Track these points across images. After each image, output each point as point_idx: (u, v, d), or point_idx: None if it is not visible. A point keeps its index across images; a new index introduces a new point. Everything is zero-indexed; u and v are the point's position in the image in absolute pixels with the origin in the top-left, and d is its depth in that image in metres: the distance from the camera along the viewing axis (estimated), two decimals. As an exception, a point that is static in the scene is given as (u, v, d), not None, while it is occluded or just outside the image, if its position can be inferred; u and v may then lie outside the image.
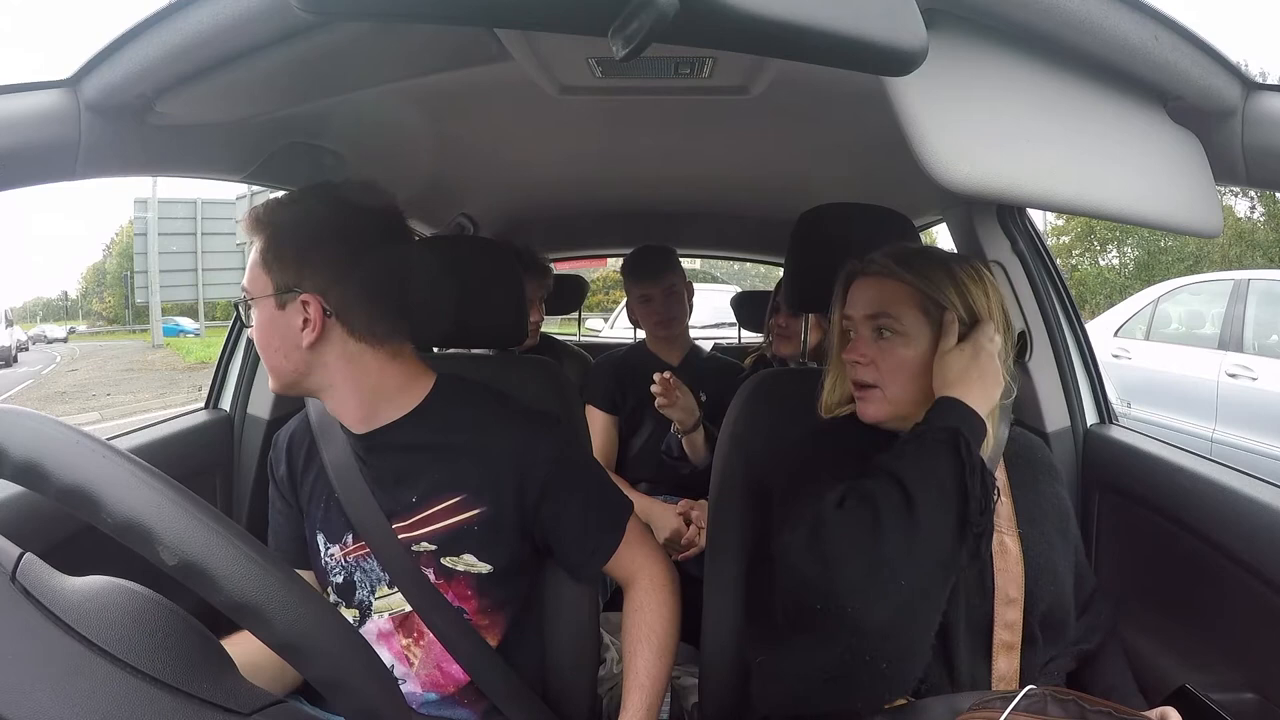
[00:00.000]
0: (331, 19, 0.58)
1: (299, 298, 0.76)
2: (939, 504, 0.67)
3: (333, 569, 0.86)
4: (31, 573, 0.41)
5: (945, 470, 0.68)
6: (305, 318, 0.76)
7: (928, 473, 0.68)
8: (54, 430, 0.43)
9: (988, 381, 0.75)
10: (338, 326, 0.78)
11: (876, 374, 0.80)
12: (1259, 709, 0.83)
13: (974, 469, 0.69)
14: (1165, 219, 0.57)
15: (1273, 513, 0.85)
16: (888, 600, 0.66)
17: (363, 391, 0.81)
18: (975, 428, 0.72)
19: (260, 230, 0.78)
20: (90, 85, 0.64)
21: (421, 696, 0.84)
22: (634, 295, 1.76)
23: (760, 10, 0.32)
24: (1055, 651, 0.80)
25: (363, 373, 0.80)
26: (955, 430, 0.70)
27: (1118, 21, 0.50)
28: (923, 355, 0.79)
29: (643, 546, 0.91)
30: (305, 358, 0.78)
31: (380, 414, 0.83)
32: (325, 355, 0.79)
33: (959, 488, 0.68)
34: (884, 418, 0.81)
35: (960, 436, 0.70)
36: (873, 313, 0.81)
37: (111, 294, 40.55)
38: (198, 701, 0.38)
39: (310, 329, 0.77)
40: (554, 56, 0.88)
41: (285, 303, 0.77)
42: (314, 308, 0.76)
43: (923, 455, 0.70)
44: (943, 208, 1.45)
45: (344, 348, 0.79)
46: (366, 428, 0.83)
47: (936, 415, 0.73)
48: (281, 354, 0.79)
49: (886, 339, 0.80)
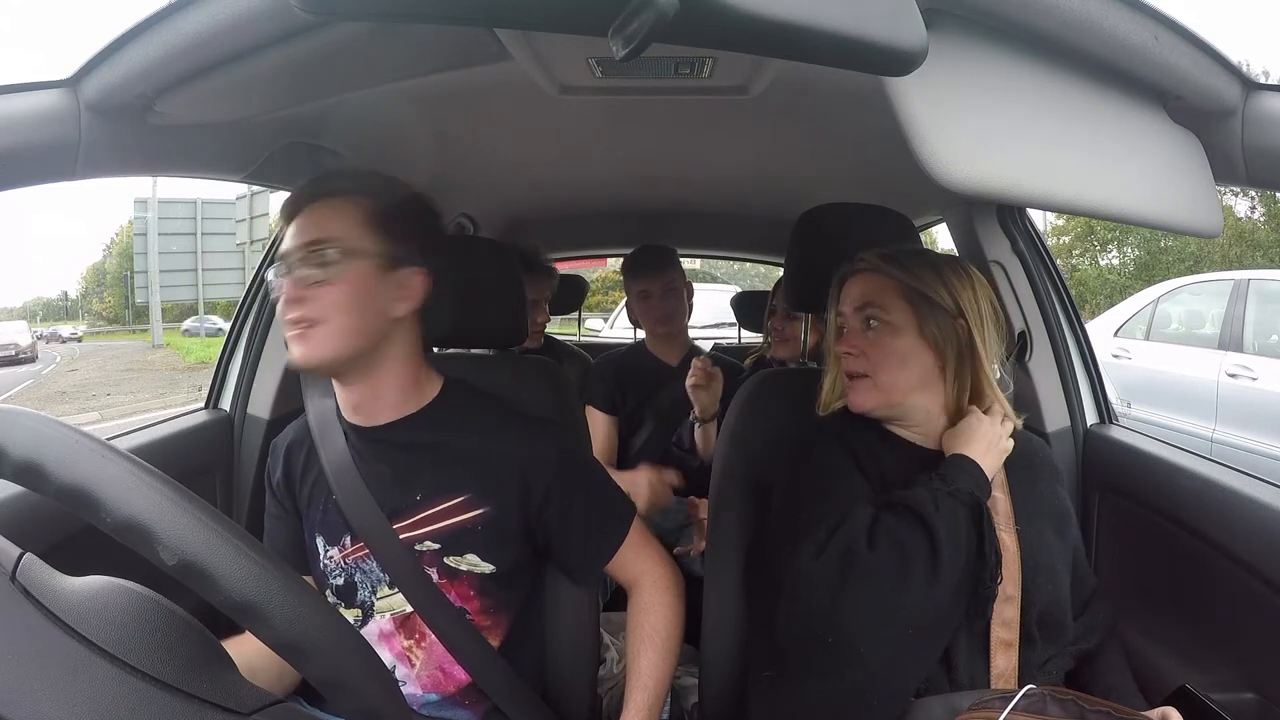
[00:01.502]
0: (331, 19, 0.58)
1: (415, 270, 0.80)
2: (960, 562, 0.72)
3: (332, 571, 0.86)
4: (31, 573, 0.41)
5: (967, 532, 0.73)
6: (402, 290, 0.80)
7: (954, 529, 0.73)
8: (53, 430, 0.43)
9: (994, 454, 0.80)
10: (418, 310, 0.82)
11: (867, 364, 0.83)
12: (1259, 709, 0.83)
13: (992, 537, 0.74)
14: (1165, 219, 0.57)
15: (1273, 513, 0.85)
16: (895, 643, 0.70)
17: (404, 379, 0.84)
18: (987, 491, 0.78)
19: (364, 191, 0.80)
20: (90, 85, 0.64)
21: (423, 697, 0.84)
22: (633, 292, 1.77)
23: (760, 10, 0.32)
24: (1053, 650, 0.80)
25: (409, 361, 0.84)
26: (979, 500, 0.75)
27: (1118, 21, 0.50)
28: (910, 345, 0.82)
29: (646, 548, 0.91)
30: (385, 327, 0.80)
31: (396, 408, 0.84)
32: (399, 331, 0.82)
33: (979, 551, 0.73)
34: (874, 406, 0.84)
35: (982, 506, 0.75)
36: (861, 304, 0.84)
37: (111, 294, 40.53)
38: (198, 701, 0.38)
39: (408, 302, 0.80)
40: (554, 56, 0.88)
41: (394, 268, 0.79)
42: (422, 283, 0.81)
43: (953, 511, 0.73)
44: (943, 208, 1.45)
45: (411, 332, 0.84)
46: (388, 418, 0.84)
47: (961, 474, 0.77)
48: (367, 316, 0.78)
49: (875, 329, 0.83)
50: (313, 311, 0.75)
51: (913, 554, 0.71)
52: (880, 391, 0.83)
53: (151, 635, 0.40)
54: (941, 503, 0.73)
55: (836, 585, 0.70)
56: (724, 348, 2.56)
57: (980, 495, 0.76)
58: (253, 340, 1.30)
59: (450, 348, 1.14)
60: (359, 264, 0.77)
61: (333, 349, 0.76)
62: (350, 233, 0.77)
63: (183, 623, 0.41)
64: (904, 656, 0.71)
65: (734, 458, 1.03)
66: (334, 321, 0.76)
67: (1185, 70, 0.54)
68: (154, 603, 0.42)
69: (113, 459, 0.42)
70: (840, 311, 0.87)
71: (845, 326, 0.86)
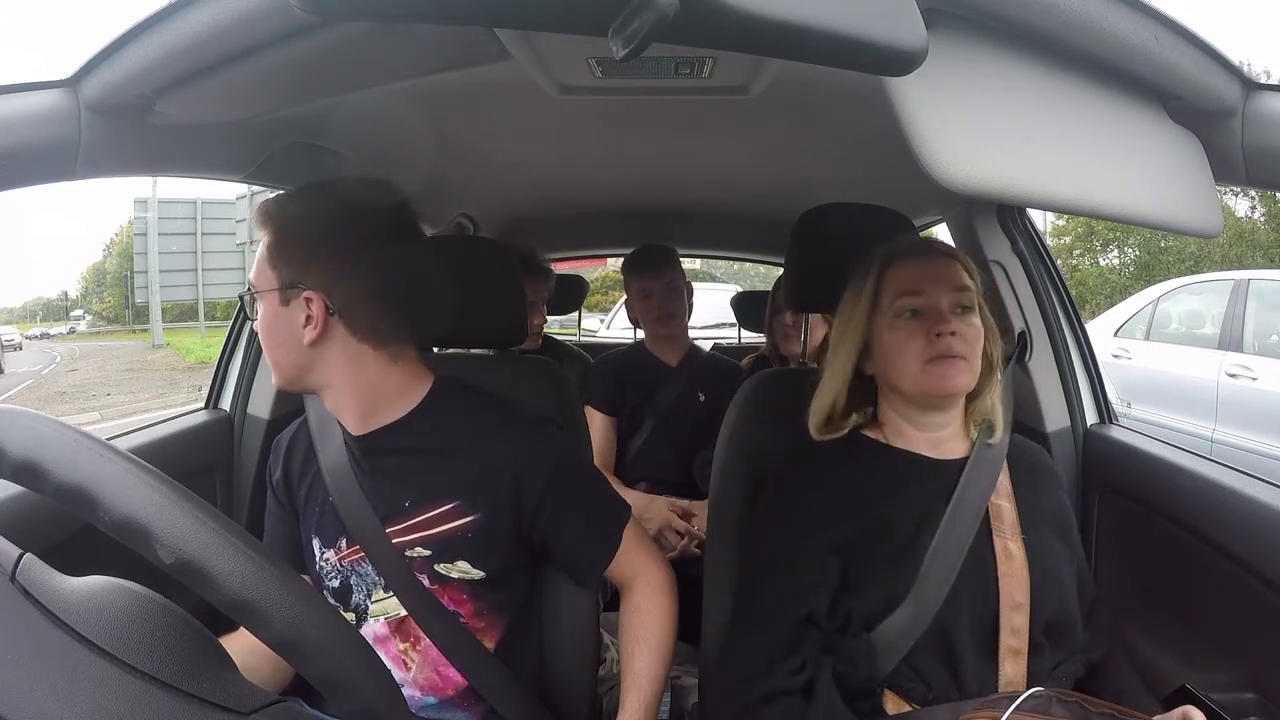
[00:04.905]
0: (331, 19, 0.58)
1: (302, 294, 0.76)
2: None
3: (328, 573, 0.86)
4: (31, 573, 0.41)
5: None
6: (308, 315, 0.76)
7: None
8: (51, 429, 0.43)
9: None
10: (340, 325, 0.78)
11: (965, 345, 0.80)
12: (1259, 709, 0.83)
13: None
14: (1165, 219, 0.57)
15: (1273, 513, 0.84)
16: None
17: (362, 392, 0.81)
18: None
19: (268, 224, 0.78)
20: (90, 85, 0.64)
21: (420, 700, 0.84)
22: (633, 291, 1.77)
23: (760, 10, 0.32)
24: (1061, 657, 0.80)
25: (363, 373, 0.80)
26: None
27: (1118, 21, 0.50)
28: (981, 328, 0.83)
29: (640, 549, 0.91)
30: (307, 355, 0.78)
31: (379, 415, 0.83)
32: (327, 354, 0.79)
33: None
34: (967, 387, 0.82)
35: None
36: (958, 286, 0.82)
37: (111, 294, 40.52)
38: (197, 701, 0.38)
39: (313, 326, 0.76)
40: (554, 56, 0.88)
41: (289, 299, 0.77)
42: (317, 305, 0.76)
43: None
44: (943, 208, 1.45)
45: (346, 347, 0.79)
46: (364, 429, 0.83)
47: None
48: (284, 350, 0.79)
49: (960, 314, 0.81)
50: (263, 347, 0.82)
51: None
52: (972, 374, 0.81)
53: (151, 635, 0.40)
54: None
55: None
56: (724, 348, 2.56)
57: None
58: (253, 340, 1.30)
59: (450, 348, 1.14)
60: (265, 302, 0.79)
61: (278, 380, 0.82)
62: (259, 272, 0.79)
63: (182, 622, 0.41)
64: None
65: (734, 457, 1.03)
66: (271, 357, 0.81)
67: (1185, 70, 0.54)
68: (154, 602, 0.41)
69: (111, 458, 0.42)
70: (916, 291, 0.82)
71: (920, 310, 0.81)
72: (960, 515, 0.78)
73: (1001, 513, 0.80)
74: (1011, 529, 0.80)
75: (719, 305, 3.53)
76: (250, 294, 0.80)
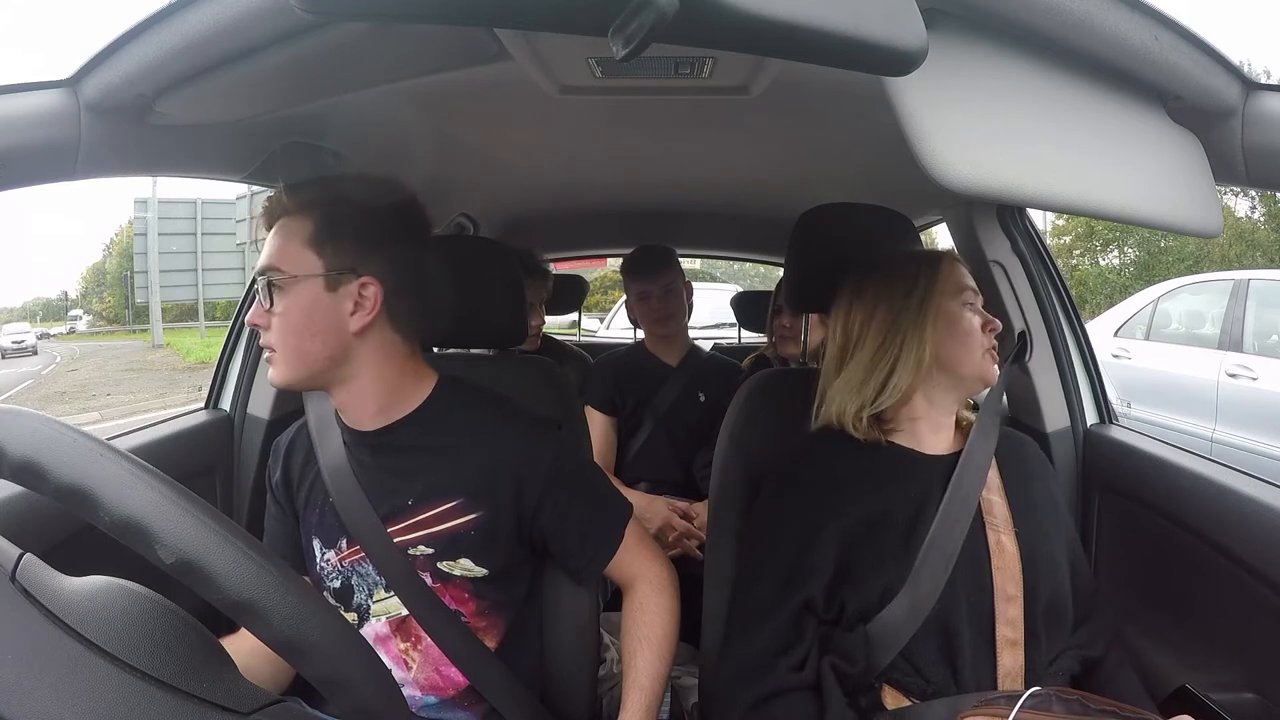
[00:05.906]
0: (331, 19, 0.58)
1: (357, 281, 0.76)
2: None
3: (328, 574, 0.86)
4: (31, 573, 0.41)
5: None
6: (357, 302, 0.76)
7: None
8: (51, 429, 0.43)
9: None
10: (384, 315, 0.78)
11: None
12: (1259, 709, 0.83)
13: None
14: (1165, 219, 0.57)
15: (1273, 513, 0.84)
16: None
17: (386, 385, 0.81)
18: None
19: (309, 209, 0.77)
20: (90, 85, 0.64)
21: (421, 700, 0.84)
22: (633, 292, 1.77)
23: (760, 10, 0.32)
24: (1059, 648, 0.80)
25: (390, 365, 0.81)
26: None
27: (1118, 21, 0.50)
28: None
29: (642, 549, 0.91)
30: (346, 344, 0.77)
31: (393, 410, 0.83)
32: (365, 343, 0.79)
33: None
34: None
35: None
36: (975, 286, 0.89)
37: (111, 294, 40.53)
38: (197, 701, 0.38)
39: (364, 313, 0.76)
40: (554, 56, 0.88)
41: (338, 284, 0.76)
42: (373, 292, 0.76)
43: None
44: (943, 208, 1.45)
45: (383, 337, 0.80)
46: (377, 424, 0.83)
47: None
48: (320, 339, 0.76)
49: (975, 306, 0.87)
50: (270, 339, 0.77)
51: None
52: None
53: (151, 635, 0.40)
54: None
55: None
56: (724, 348, 2.56)
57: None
58: (253, 340, 1.30)
59: (450, 348, 1.14)
60: (304, 287, 0.75)
61: (294, 373, 0.77)
62: (295, 257, 0.75)
63: (182, 622, 0.41)
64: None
65: (734, 458, 1.03)
66: (289, 347, 0.76)
67: (1185, 70, 0.54)
68: (154, 602, 0.42)
69: (110, 458, 0.42)
70: (966, 286, 0.87)
71: (968, 304, 0.86)
72: (956, 507, 0.80)
73: (993, 507, 0.82)
74: (1004, 522, 0.81)
75: (719, 305, 3.53)
76: (271, 281, 0.75)
